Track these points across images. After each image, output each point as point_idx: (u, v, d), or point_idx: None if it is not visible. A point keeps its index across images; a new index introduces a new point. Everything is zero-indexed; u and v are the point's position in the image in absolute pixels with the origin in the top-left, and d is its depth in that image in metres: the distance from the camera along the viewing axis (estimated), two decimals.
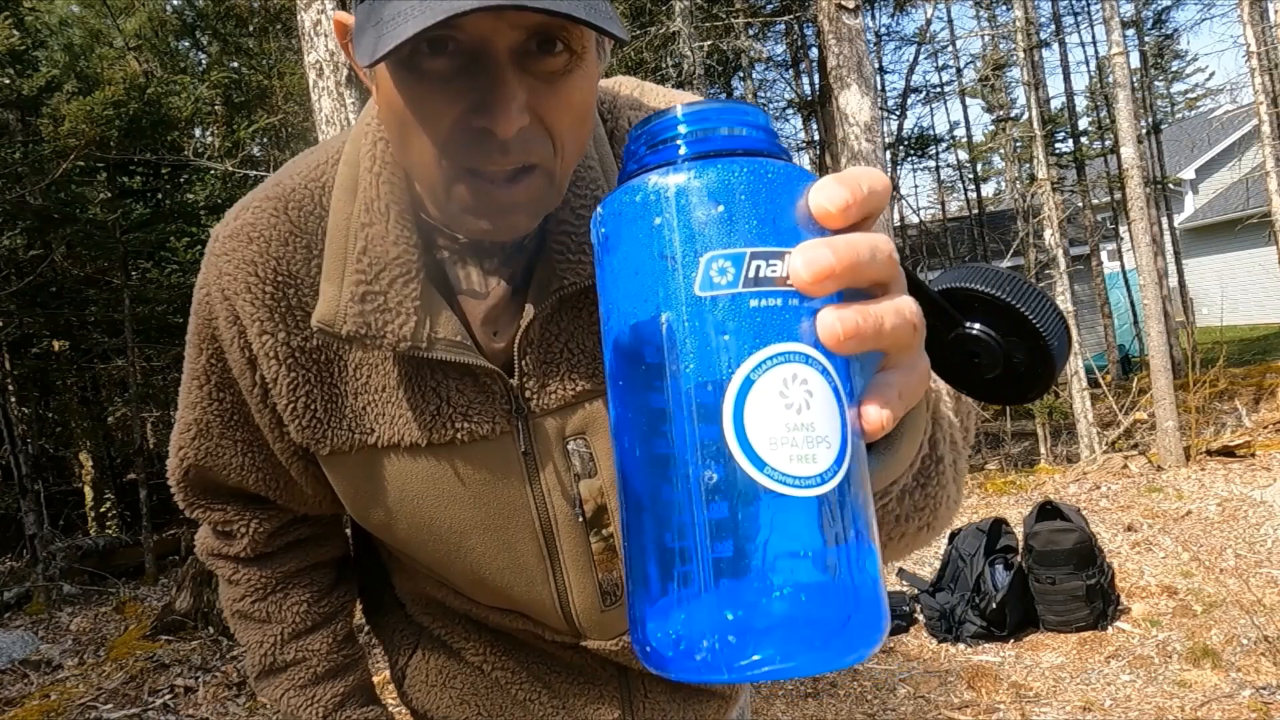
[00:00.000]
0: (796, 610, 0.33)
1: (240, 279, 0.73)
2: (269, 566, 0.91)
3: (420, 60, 0.58)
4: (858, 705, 3.27)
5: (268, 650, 0.92)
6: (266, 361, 0.74)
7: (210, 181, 8.93)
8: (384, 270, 0.69)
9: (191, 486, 0.88)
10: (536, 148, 0.60)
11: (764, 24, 11.54)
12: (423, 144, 0.61)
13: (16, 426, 6.88)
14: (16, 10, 7.50)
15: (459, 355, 0.70)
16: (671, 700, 0.93)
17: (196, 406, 0.82)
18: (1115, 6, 7.65)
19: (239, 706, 3.82)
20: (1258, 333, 17.35)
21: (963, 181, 16.54)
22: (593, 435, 0.76)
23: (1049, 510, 3.88)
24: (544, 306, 0.71)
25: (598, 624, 0.83)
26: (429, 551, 0.81)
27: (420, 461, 0.75)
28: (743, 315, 0.34)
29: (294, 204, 0.74)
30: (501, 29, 0.56)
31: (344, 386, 0.75)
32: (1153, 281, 7.22)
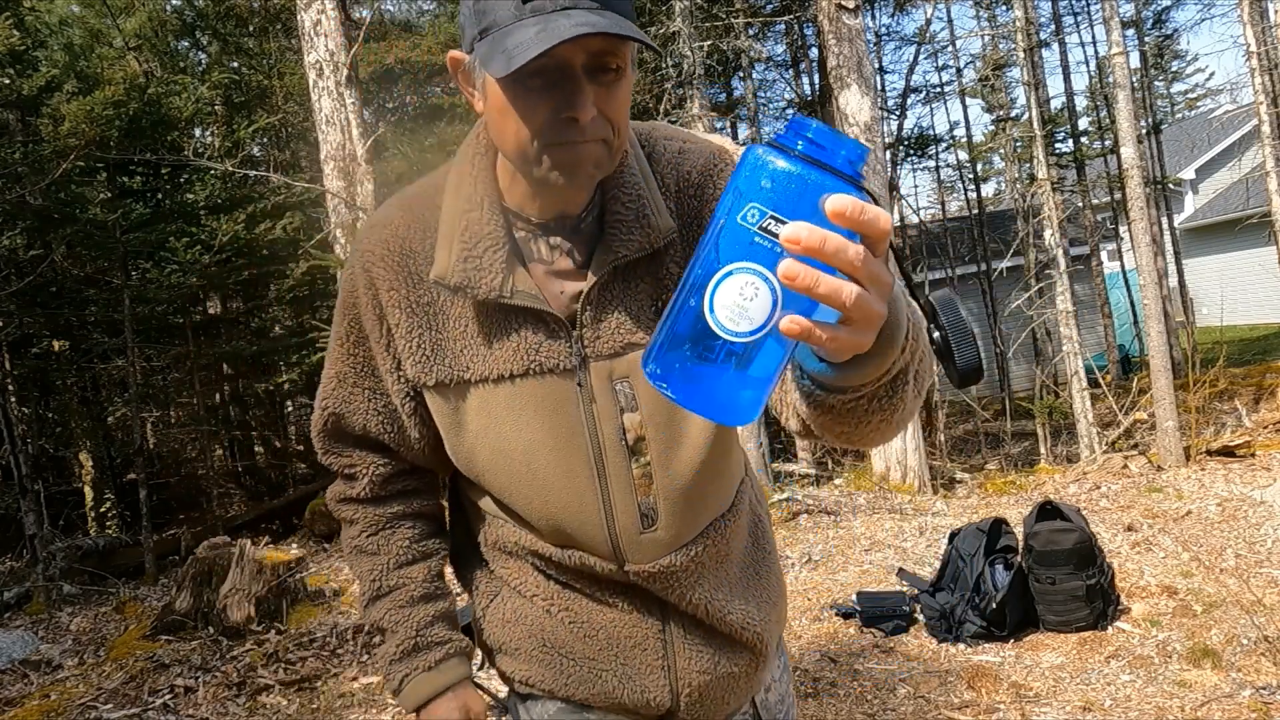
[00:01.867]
0: (691, 374, 0.63)
1: (376, 254, 1.03)
2: (381, 507, 1.16)
3: (524, 75, 0.85)
4: (858, 705, 3.27)
5: (376, 577, 1.16)
6: (392, 312, 1.02)
7: (210, 181, 8.92)
8: (479, 242, 0.97)
9: (329, 434, 1.14)
10: (601, 129, 0.89)
11: (764, 24, 11.53)
12: (523, 130, 0.89)
13: (16, 426, 6.88)
14: (16, 10, 7.49)
15: (533, 304, 0.97)
16: (706, 645, 1.09)
17: (338, 362, 1.11)
18: (1115, 6, 7.65)
19: (239, 706, 3.82)
20: (1258, 333, 17.34)
21: (963, 181, 16.54)
22: (635, 379, 0.99)
23: (1049, 510, 3.88)
24: (603, 274, 0.97)
25: (636, 547, 1.02)
26: (505, 477, 1.03)
27: (501, 389, 1.00)
28: (746, 242, 0.59)
29: (415, 203, 1.05)
30: (577, 53, 0.85)
31: (446, 332, 1.01)
32: (1153, 281, 7.22)
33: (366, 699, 3.80)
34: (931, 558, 4.80)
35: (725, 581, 1.10)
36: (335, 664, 4.20)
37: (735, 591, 1.11)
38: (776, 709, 1.26)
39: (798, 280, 0.58)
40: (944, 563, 4.12)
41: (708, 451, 1.02)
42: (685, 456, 1.01)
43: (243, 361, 10.52)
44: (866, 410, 0.81)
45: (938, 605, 3.86)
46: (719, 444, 1.04)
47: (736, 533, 1.12)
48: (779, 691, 1.26)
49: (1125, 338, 16.26)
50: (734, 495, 1.11)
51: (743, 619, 1.11)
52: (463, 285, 0.97)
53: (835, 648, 3.81)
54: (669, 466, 1.01)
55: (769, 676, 1.23)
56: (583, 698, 1.12)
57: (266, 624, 4.69)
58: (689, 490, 1.02)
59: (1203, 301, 19.34)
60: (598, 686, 1.11)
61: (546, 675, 1.13)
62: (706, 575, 1.07)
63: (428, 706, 1.15)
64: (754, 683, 1.17)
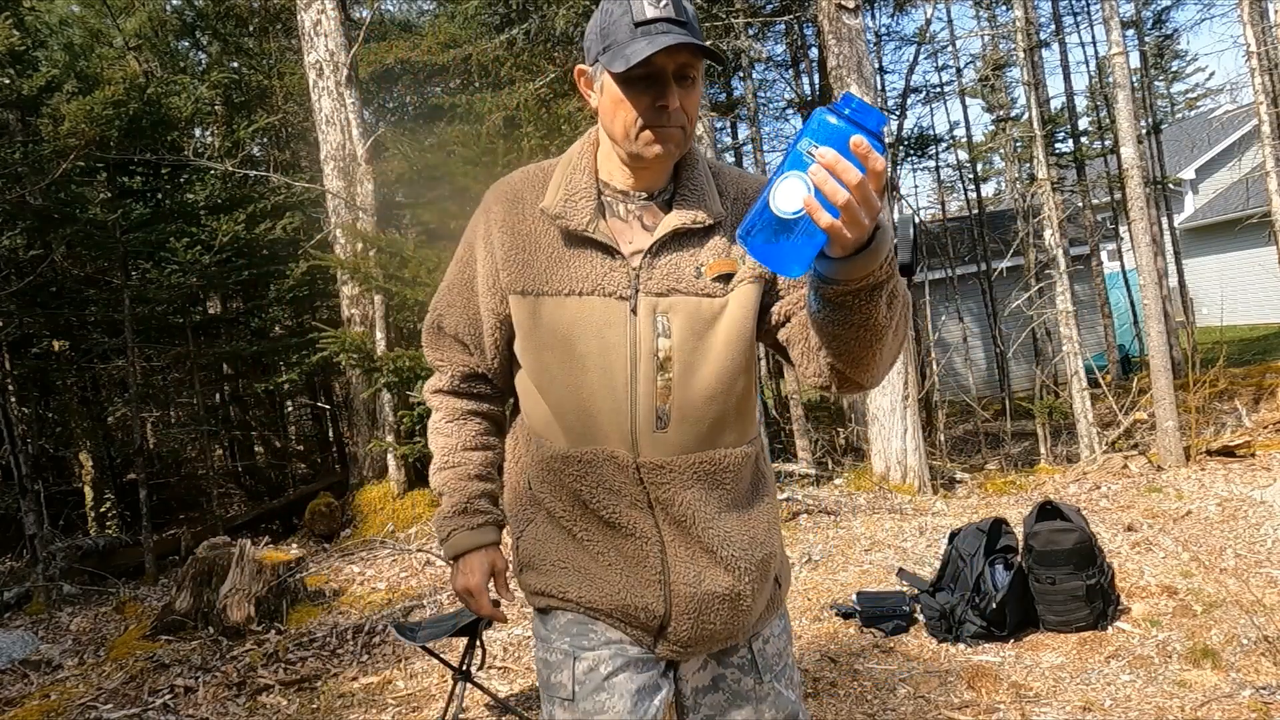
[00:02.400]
0: (760, 235, 1.02)
1: (497, 194, 1.42)
2: (459, 400, 1.52)
3: (634, 74, 1.25)
4: (858, 705, 3.27)
5: (446, 453, 1.50)
6: (501, 235, 1.38)
7: (210, 181, 8.91)
8: (577, 192, 1.36)
9: (432, 330, 1.52)
10: (679, 119, 1.29)
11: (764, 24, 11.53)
12: (630, 114, 1.28)
13: (16, 426, 6.88)
14: (16, 10, 7.49)
15: (607, 240, 1.33)
16: (692, 562, 1.35)
17: (449, 276, 1.48)
18: (1115, 6, 7.65)
19: (239, 706, 3.82)
20: (1258, 333, 17.34)
21: (963, 181, 16.52)
22: (672, 314, 1.31)
23: (1049, 510, 3.88)
24: (664, 235, 1.33)
25: (649, 442, 1.31)
26: (560, 370, 1.34)
27: (570, 301, 1.33)
28: (798, 159, 0.98)
29: (531, 170, 1.44)
30: (669, 63, 1.25)
31: (538, 254, 1.35)
32: (1153, 281, 7.22)
33: (366, 699, 3.80)
34: (931, 558, 4.80)
35: (715, 500, 1.35)
36: (335, 664, 4.20)
37: (722, 511, 1.36)
38: (775, 661, 1.47)
39: (815, 177, 0.97)
40: (944, 563, 4.12)
41: (715, 382, 1.32)
42: (698, 380, 1.31)
43: (243, 361, 10.52)
44: (852, 307, 1.13)
45: (938, 605, 3.86)
46: (726, 382, 1.33)
47: (734, 468, 1.36)
48: (778, 647, 1.48)
49: (1125, 338, 16.25)
50: (739, 441, 1.37)
51: (723, 536, 1.35)
52: (560, 215, 1.34)
53: (835, 648, 3.81)
54: (685, 385, 1.31)
55: (766, 629, 1.46)
56: (590, 602, 1.38)
57: (266, 624, 4.69)
58: (697, 408, 1.32)
59: (1203, 301, 19.33)
60: (606, 592, 1.37)
61: (565, 584, 1.39)
62: (699, 486, 1.33)
63: (464, 557, 1.46)
64: (740, 615, 1.38)
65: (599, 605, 1.37)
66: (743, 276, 1.33)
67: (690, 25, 1.26)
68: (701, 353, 1.31)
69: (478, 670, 3.58)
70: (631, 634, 1.38)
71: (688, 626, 1.35)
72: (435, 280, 6.31)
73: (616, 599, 1.36)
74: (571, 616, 1.40)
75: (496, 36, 8.58)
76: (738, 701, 1.43)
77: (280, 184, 9.02)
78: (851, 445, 9.99)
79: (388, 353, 6.70)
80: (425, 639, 3.27)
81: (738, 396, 1.35)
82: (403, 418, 6.87)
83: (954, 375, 15.56)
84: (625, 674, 1.37)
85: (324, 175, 7.96)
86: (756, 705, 1.43)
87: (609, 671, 1.37)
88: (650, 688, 1.39)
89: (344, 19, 8.00)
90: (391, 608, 4.89)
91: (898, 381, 7.29)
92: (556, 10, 8.07)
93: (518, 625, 4.41)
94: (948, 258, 14.74)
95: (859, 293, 1.11)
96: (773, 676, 1.45)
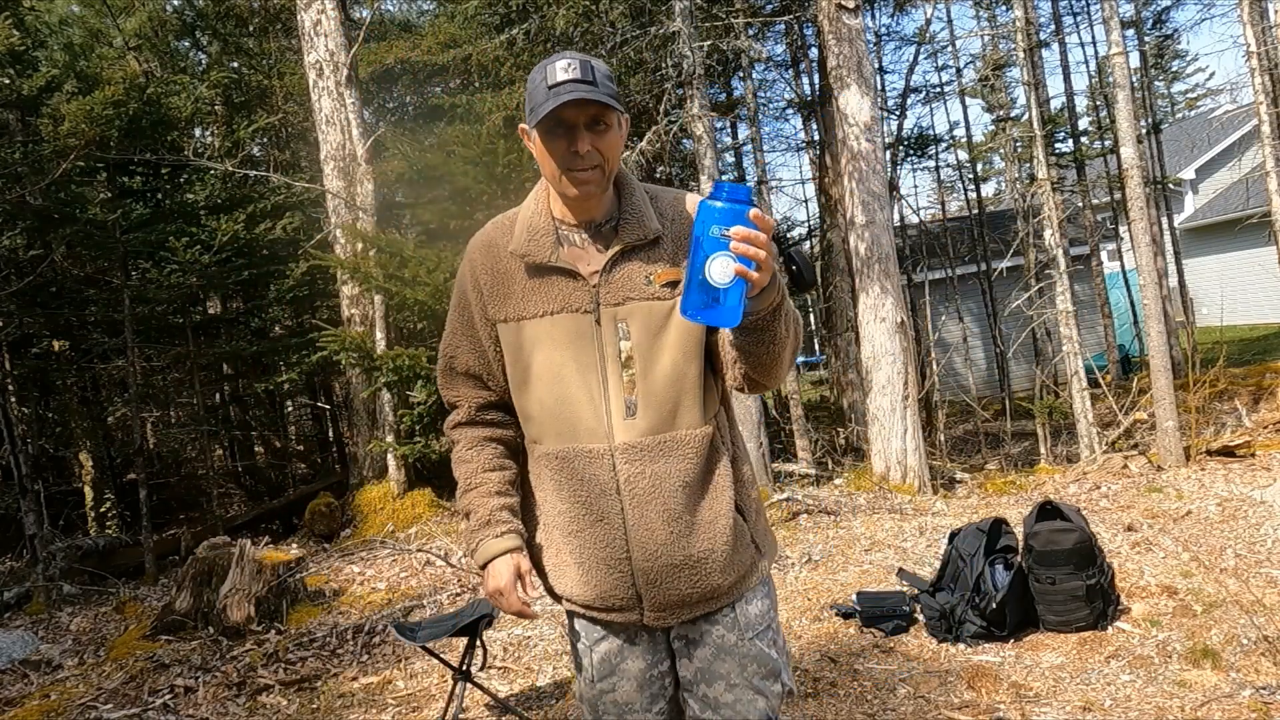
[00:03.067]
0: (704, 307, 1.35)
1: (476, 244, 1.68)
2: (475, 430, 1.74)
3: (549, 125, 1.51)
4: (858, 705, 3.27)
5: (468, 476, 1.71)
6: (483, 276, 1.64)
7: (210, 181, 8.92)
8: (537, 231, 1.60)
9: (445, 372, 1.75)
10: (594, 159, 1.52)
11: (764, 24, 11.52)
12: (551, 161, 1.54)
13: (16, 426, 6.88)
14: (16, 10, 7.49)
15: (567, 265, 1.58)
16: (651, 539, 1.57)
17: (451, 322, 1.72)
18: (1115, 6, 7.65)
19: (239, 706, 3.82)
20: (1258, 333, 17.34)
21: (963, 181, 16.51)
22: (631, 320, 1.56)
23: (1049, 510, 3.87)
24: (614, 253, 1.58)
25: (621, 428, 1.57)
26: (544, 380, 1.59)
27: (545, 321, 1.58)
28: (719, 242, 1.32)
29: (500, 220, 1.69)
30: (578, 115, 1.50)
31: (514, 287, 1.61)
32: (1153, 281, 7.22)
33: (366, 699, 3.80)
34: (931, 558, 4.80)
35: (677, 473, 1.57)
36: (335, 664, 4.20)
37: (683, 485, 1.57)
38: (757, 621, 1.66)
39: (739, 249, 1.31)
40: (944, 563, 4.12)
41: (672, 371, 1.57)
42: (658, 371, 1.57)
43: (243, 361, 10.52)
44: (762, 328, 1.45)
45: (938, 605, 3.86)
46: (681, 369, 1.58)
47: (694, 445, 1.59)
48: (760, 609, 1.67)
49: (1125, 338, 16.25)
50: (696, 423, 1.59)
51: (684, 503, 1.57)
52: (527, 254, 1.59)
53: (835, 648, 3.81)
54: (646, 376, 1.56)
55: (747, 591, 1.65)
56: (582, 599, 1.63)
57: (266, 624, 4.69)
58: (658, 395, 1.57)
59: (1203, 301, 19.33)
60: (588, 586, 1.60)
61: (562, 584, 1.65)
62: (663, 460, 1.57)
63: (491, 562, 1.64)
64: (707, 577, 1.58)
65: (588, 600, 1.62)
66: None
67: (597, 83, 1.49)
68: (658, 349, 1.56)
69: (478, 670, 3.58)
70: (621, 619, 1.62)
71: (655, 595, 1.59)
72: (435, 280, 6.31)
73: (597, 590, 1.60)
74: (582, 621, 1.69)
75: (496, 36, 8.57)
76: (722, 655, 1.64)
77: (280, 184, 9.02)
78: (851, 445, 9.99)
79: (387, 352, 6.70)
80: (425, 639, 3.27)
81: (692, 381, 1.59)
82: (403, 417, 6.87)
83: (954, 375, 15.56)
84: (633, 660, 1.66)
85: (324, 175, 7.96)
86: (740, 659, 1.64)
87: (618, 661, 1.66)
88: (656, 670, 1.67)
89: (344, 19, 8.00)
90: (391, 608, 4.89)
91: (898, 381, 7.29)
92: (556, 10, 8.06)
93: (517, 625, 4.41)
94: (948, 258, 14.74)
95: (766, 316, 1.44)
96: (754, 635, 1.65)
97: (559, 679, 3.79)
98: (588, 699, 1.71)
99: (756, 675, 1.64)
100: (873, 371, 7.43)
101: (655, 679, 1.67)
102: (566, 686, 3.70)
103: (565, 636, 4.18)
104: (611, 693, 1.67)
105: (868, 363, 7.52)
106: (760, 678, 1.64)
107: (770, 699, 1.65)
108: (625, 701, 1.66)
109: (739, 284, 1.31)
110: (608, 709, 1.68)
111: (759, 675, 1.64)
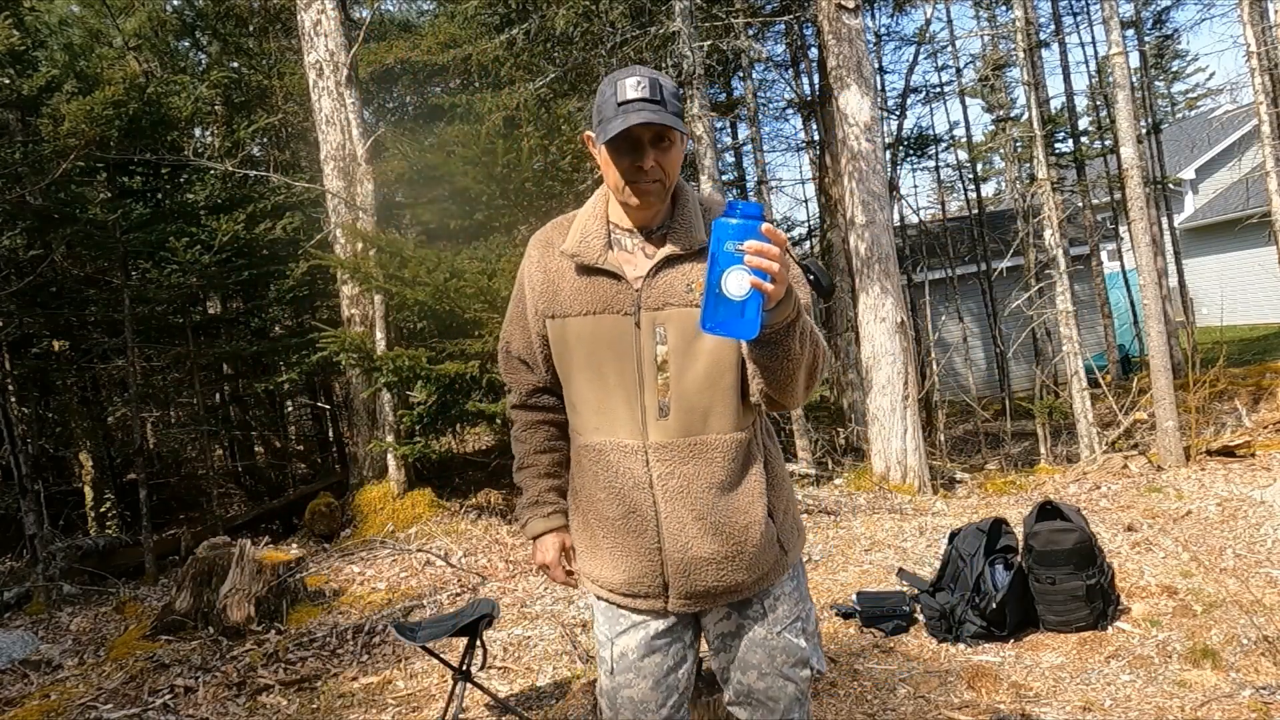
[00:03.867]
0: (723, 320, 1.37)
1: (535, 241, 1.79)
2: (529, 413, 1.89)
3: (616, 142, 1.57)
4: (858, 705, 3.27)
5: (522, 456, 1.89)
6: (536, 273, 1.75)
7: (210, 181, 8.91)
8: (589, 234, 1.69)
9: (504, 356, 1.88)
10: (657, 174, 1.60)
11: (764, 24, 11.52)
12: (615, 174, 1.61)
13: (16, 426, 6.88)
14: (16, 10, 7.49)
15: (614, 269, 1.65)
16: (682, 533, 1.65)
17: (510, 310, 1.85)
18: (1115, 6, 7.65)
19: (239, 706, 3.82)
20: (1258, 333, 17.34)
21: (963, 181, 16.51)
22: (668, 325, 1.63)
23: (1049, 510, 3.87)
24: (659, 261, 1.65)
25: (655, 429, 1.64)
26: (585, 375, 1.69)
27: (589, 320, 1.67)
28: (733, 257, 1.35)
29: (560, 220, 1.79)
30: (644, 132, 1.57)
31: (563, 285, 1.70)
32: (1153, 281, 7.22)
33: (366, 699, 3.80)
34: (931, 558, 4.80)
35: (706, 475, 1.64)
36: (335, 664, 4.20)
37: (711, 486, 1.64)
38: (785, 616, 1.75)
39: (753, 263, 1.33)
40: (944, 563, 4.12)
41: (705, 378, 1.63)
42: (690, 377, 1.63)
43: (243, 361, 10.52)
44: (776, 342, 1.48)
45: (938, 605, 3.86)
46: (714, 377, 1.63)
47: (724, 450, 1.65)
48: (788, 606, 1.76)
49: (1125, 338, 16.25)
50: (728, 429, 1.65)
51: (710, 505, 1.64)
52: (576, 254, 1.68)
53: (835, 648, 3.81)
54: (680, 381, 1.63)
55: (777, 588, 1.75)
56: (610, 583, 1.72)
57: (266, 624, 4.68)
58: (690, 399, 1.63)
59: (1203, 301, 19.33)
60: (618, 570, 1.70)
61: (593, 567, 1.76)
62: (694, 462, 1.64)
63: (539, 539, 1.86)
64: (733, 573, 1.66)
65: (616, 584, 1.71)
66: None
67: (664, 102, 1.56)
68: (692, 355, 1.63)
69: (478, 670, 3.58)
70: (647, 606, 1.71)
71: (682, 584, 1.67)
72: (435, 280, 6.31)
73: (627, 575, 1.69)
74: (604, 605, 1.78)
75: (496, 36, 8.57)
76: (754, 648, 1.74)
77: (280, 184, 9.01)
78: (851, 445, 9.99)
79: (388, 352, 6.70)
80: (425, 639, 3.27)
81: (724, 389, 1.64)
82: (403, 418, 6.87)
83: (954, 375, 15.56)
84: (652, 656, 1.74)
85: (324, 175, 7.96)
86: (770, 651, 1.74)
87: (636, 657, 1.74)
88: (674, 664, 1.76)
89: (344, 19, 8.00)
90: (391, 608, 4.89)
91: (898, 381, 7.29)
92: (556, 10, 8.06)
93: (517, 625, 4.41)
94: (948, 258, 14.74)
95: (782, 330, 1.48)
96: (783, 628, 1.75)
97: (559, 679, 3.79)
98: (606, 691, 1.79)
99: (785, 664, 1.75)
100: (873, 371, 7.43)
101: (671, 678, 1.76)
102: (566, 686, 3.70)
103: (565, 637, 4.19)
104: (628, 689, 1.75)
105: (868, 363, 7.51)
106: (789, 666, 1.75)
107: (799, 684, 1.77)
108: (641, 700, 1.74)
109: (755, 297, 1.35)
110: (624, 705, 1.76)
111: (788, 664, 1.75)
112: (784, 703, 1.76)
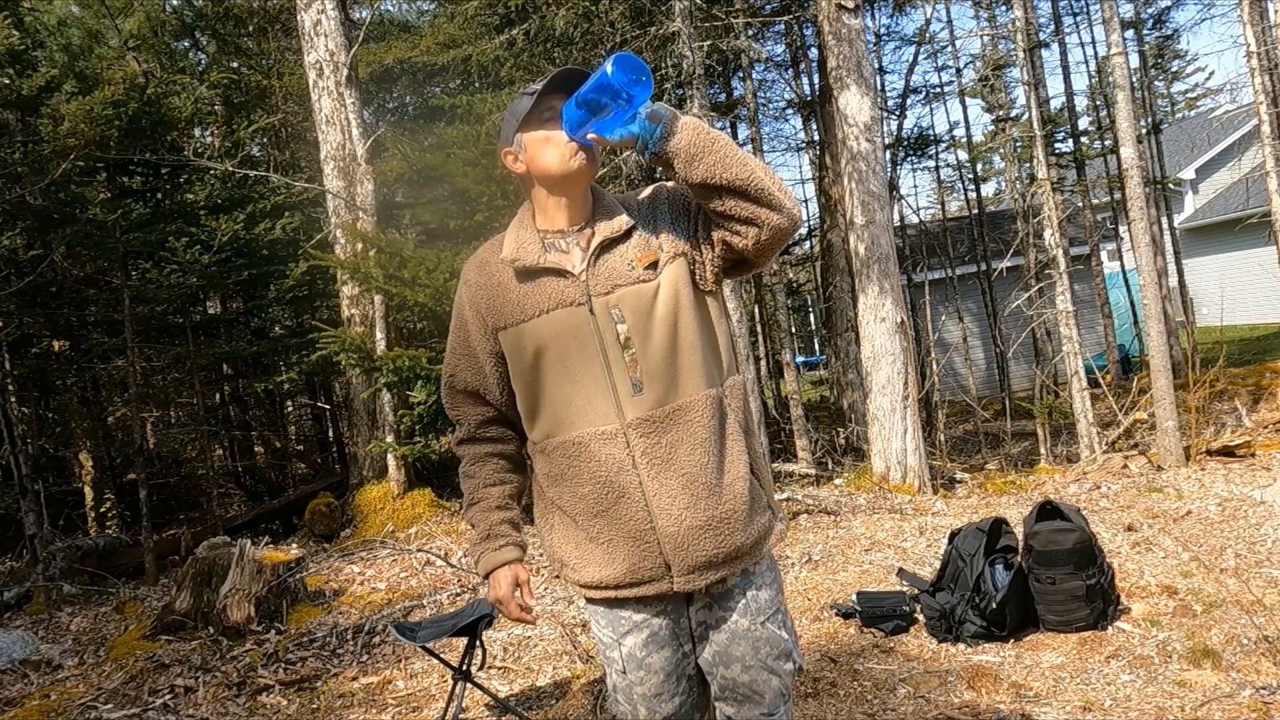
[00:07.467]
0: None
1: (469, 266, 1.80)
2: (477, 445, 1.86)
3: (539, 112, 1.67)
4: (858, 705, 3.27)
5: (472, 491, 1.85)
6: (478, 293, 1.76)
7: (210, 181, 8.91)
8: (525, 242, 1.72)
9: (447, 390, 1.85)
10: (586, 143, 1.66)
11: (764, 24, 11.53)
12: (551, 150, 1.67)
13: (16, 426, 6.88)
14: (16, 10, 7.49)
15: (556, 265, 1.69)
16: (673, 505, 1.65)
17: (450, 343, 1.83)
18: (1115, 7, 7.65)
19: (239, 706, 3.82)
20: (1258, 333, 17.34)
21: (963, 181, 16.51)
22: (622, 305, 1.66)
23: (1049, 510, 3.87)
24: (595, 248, 1.68)
25: (631, 405, 1.65)
26: (551, 374, 1.69)
27: (543, 320, 1.67)
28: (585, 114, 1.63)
29: (491, 242, 1.82)
30: (559, 99, 1.66)
31: (508, 295, 1.72)
32: (1153, 281, 7.22)
33: (366, 699, 3.80)
34: (931, 558, 4.80)
35: (689, 437, 1.66)
36: (335, 664, 4.20)
37: (696, 446, 1.66)
38: (767, 606, 1.76)
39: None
40: (944, 563, 4.12)
41: (668, 344, 1.66)
42: (655, 347, 1.65)
43: (243, 361, 10.52)
44: (694, 150, 1.57)
45: (938, 605, 3.86)
46: (675, 341, 1.66)
47: (701, 408, 1.67)
48: (769, 595, 1.77)
49: (1125, 338, 16.25)
50: (700, 387, 1.67)
51: (700, 463, 1.66)
52: (516, 258, 1.70)
53: (835, 648, 3.81)
54: (645, 353, 1.65)
55: (759, 575, 1.76)
56: (610, 580, 1.70)
57: (266, 624, 4.68)
58: (659, 367, 1.65)
59: (1203, 301, 19.32)
60: (617, 564, 1.68)
61: (588, 571, 1.72)
62: (676, 428, 1.66)
63: (493, 573, 1.80)
64: (730, 537, 1.67)
65: (618, 579, 1.70)
66: (665, 260, 1.69)
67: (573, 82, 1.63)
68: (651, 326, 1.66)
69: (478, 670, 3.58)
70: (653, 590, 1.70)
71: (683, 559, 1.67)
72: (435, 280, 6.31)
73: (626, 564, 1.68)
74: (604, 608, 1.78)
75: (496, 36, 8.57)
76: (737, 640, 1.75)
77: (280, 184, 9.01)
78: (851, 445, 9.99)
79: (387, 352, 6.70)
80: (425, 639, 3.27)
81: (689, 347, 1.68)
82: (403, 418, 6.87)
83: (954, 375, 15.56)
84: (660, 654, 1.76)
85: (324, 175, 7.96)
86: (754, 642, 1.75)
87: (644, 655, 1.76)
88: (680, 661, 1.78)
89: (344, 19, 8.00)
90: (391, 608, 4.89)
91: (898, 381, 7.29)
92: (556, 10, 8.06)
93: (517, 625, 4.41)
94: (947, 258, 14.74)
95: (685, 143, 1.56)
96: (765, 619, 1.76)
97: (559, 679, 3.79)
98: (620, 688, 1.82)
99: (770, 656, 1.76)
100: (873, 372, 7.43)
101: (680, 666, 1.79)
102: (566, 686, 3.70)
103: (565, 637, 4.19)
104: (640, 685, 1.78)
105: (868, 363, 7.52)
106: (773, 658, 1.76)
107: (784, 678, 1.79)
108: (654, 693, 1.78)
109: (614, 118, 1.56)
110: (640, 700, 1.79)
111: (772, 656, 1.76)
112: (769, 696, 1.77)
